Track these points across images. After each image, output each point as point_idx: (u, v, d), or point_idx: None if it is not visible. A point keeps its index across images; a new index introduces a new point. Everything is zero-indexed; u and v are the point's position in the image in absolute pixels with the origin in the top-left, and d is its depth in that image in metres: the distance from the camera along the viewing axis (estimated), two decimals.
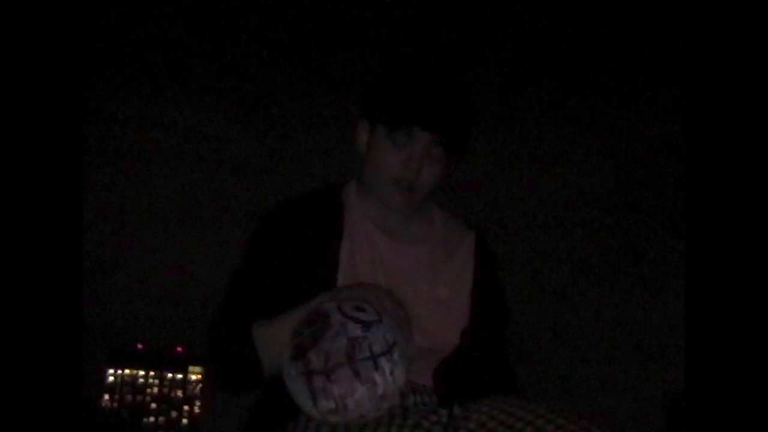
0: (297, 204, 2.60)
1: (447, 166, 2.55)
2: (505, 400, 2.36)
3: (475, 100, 2.55)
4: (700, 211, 1.89)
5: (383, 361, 2.19)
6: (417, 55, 2.59)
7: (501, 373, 2.58)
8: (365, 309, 2.26)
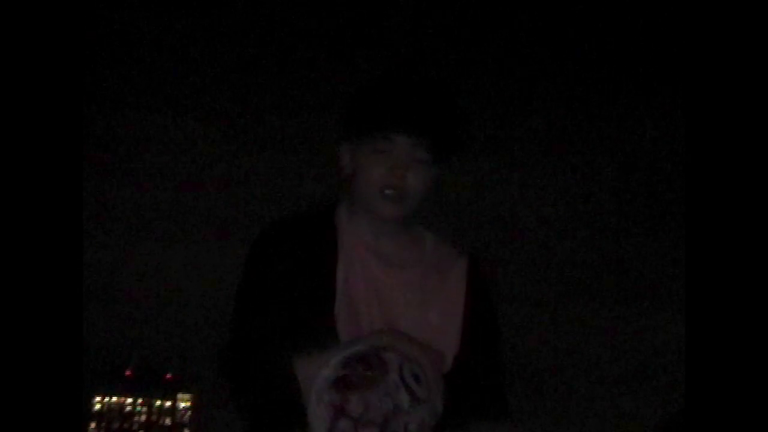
0: (290, 225, 2.61)
1: (435, 169, 2.57)
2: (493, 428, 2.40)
3: (458, 104, 2.56)
4: (700, 235, 1.93)
5: None
6: (403, 72, 2.63)
7: (491, 401, 2.58)
8: (421, 380, 2.29)
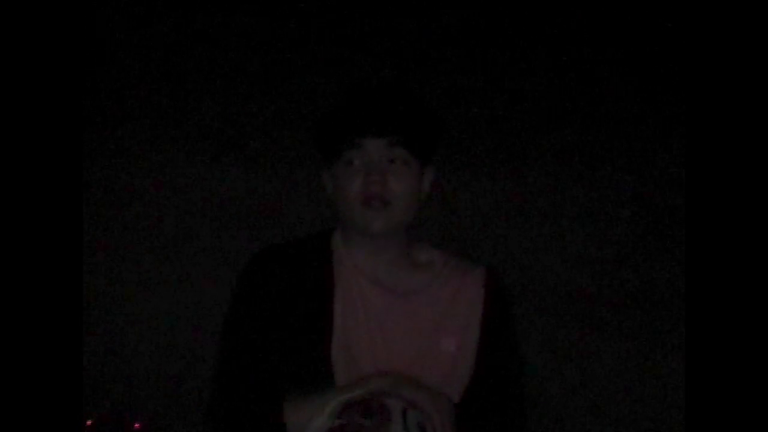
0: (283, 253, 2.37)
1: (419, 173, 2.36)
2: None
3: (422, 98, 2.38)
4: (701, 280, 1.88)
5: None
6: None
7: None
8: (426, 430, 2.11)
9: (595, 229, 3.94)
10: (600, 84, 3.97)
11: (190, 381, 3.87)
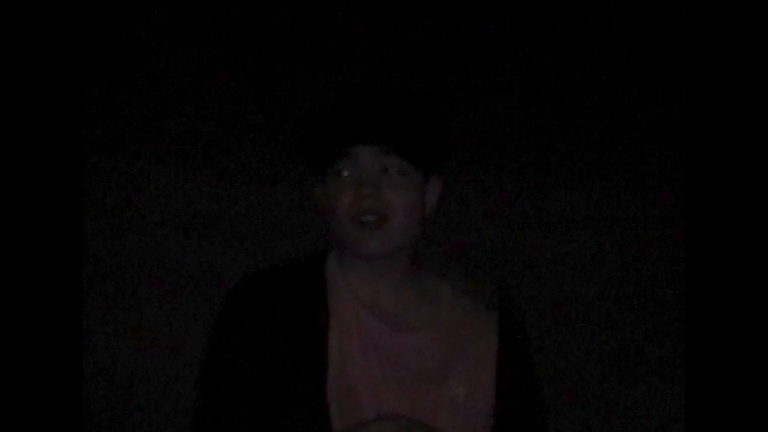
0: (269, 281, 2.12)
1: (422, 184, 2.11)
2: None
3: (419, 100, 2.14)
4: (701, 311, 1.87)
5: None
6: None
7: None
8: None
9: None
10: (609, 93, 3.81)
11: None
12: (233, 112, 3.86)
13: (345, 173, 2.07)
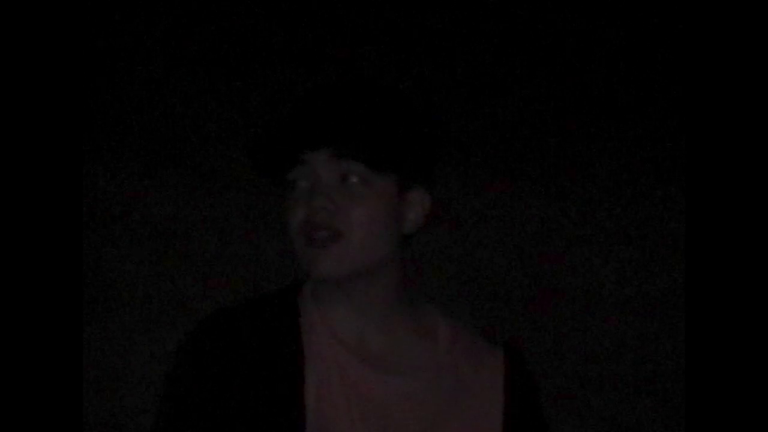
0: (236, 320, 1.81)
1: (393, 195, 1.78)
2: None
3: (391, 94, 1.81)
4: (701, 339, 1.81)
5: None
6: None
7: None
8: None
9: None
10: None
11: None
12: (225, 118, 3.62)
13: (300, 184, 1.77)
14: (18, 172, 1.78)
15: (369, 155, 1.74)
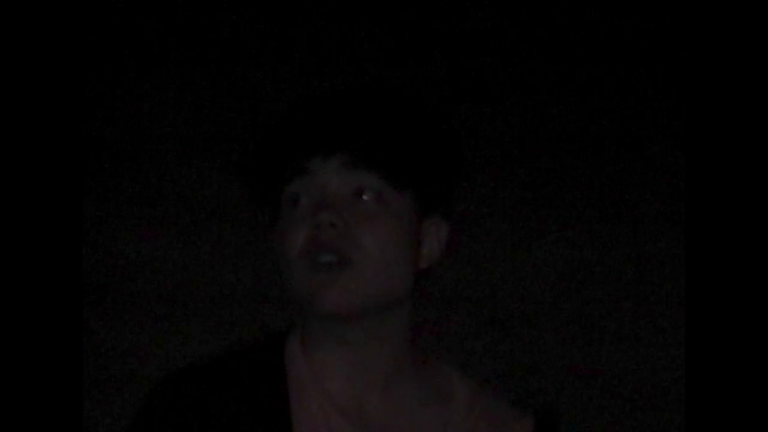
0: (207, 378, 1.51)
1: (413, 221, 1.49)
2: None
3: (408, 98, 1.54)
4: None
5: None
6: None
7: None
8: None
9: None
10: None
11: None
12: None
13: (302, 199, 1.47)
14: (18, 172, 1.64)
15: (388, 166, 1.44)
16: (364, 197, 1.45)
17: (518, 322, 3.21)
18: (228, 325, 3.17)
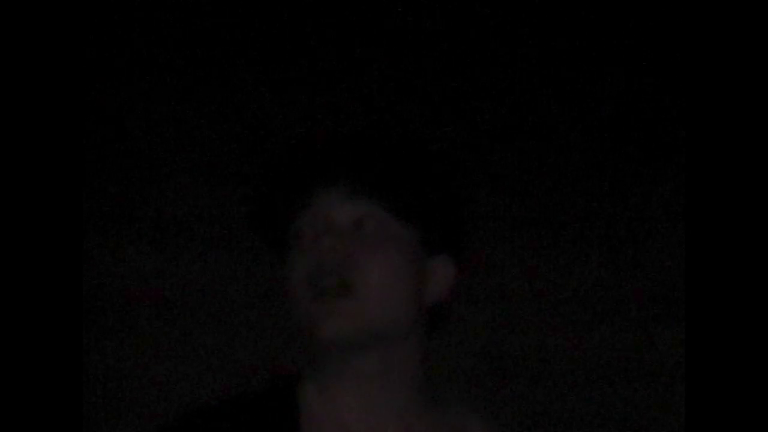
0: (222, 418, 1.50)
1: (415, 255, 1.50)
2: None
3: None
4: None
5: None
6: None
7: None
8: None
9: None
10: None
11: None
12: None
13: (306, 231, 1.50)
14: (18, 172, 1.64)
15: (388, 195, 1.48)
16: (366, 226, 1.48)
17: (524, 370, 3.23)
18: (230, 338, 3.17)
